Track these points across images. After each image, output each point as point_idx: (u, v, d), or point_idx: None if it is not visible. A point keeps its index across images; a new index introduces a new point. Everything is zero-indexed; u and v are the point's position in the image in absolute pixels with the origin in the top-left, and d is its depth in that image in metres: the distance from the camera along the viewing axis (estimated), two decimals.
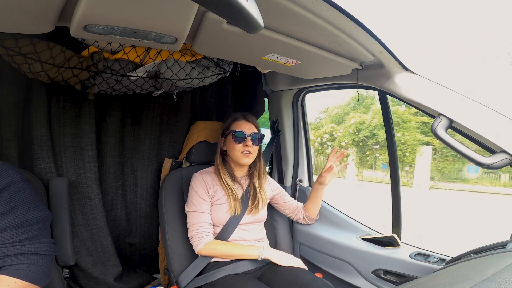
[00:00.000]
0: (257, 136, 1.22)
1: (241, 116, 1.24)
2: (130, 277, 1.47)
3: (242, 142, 1.19)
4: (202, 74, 1.18)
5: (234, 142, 1.19)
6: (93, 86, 1.11)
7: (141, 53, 1.06)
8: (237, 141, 1.19)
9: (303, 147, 1.64)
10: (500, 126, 0.82)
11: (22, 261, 0.80)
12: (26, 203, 0.84)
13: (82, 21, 0.60)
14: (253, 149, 1.20)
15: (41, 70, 0.93)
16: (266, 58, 0.93)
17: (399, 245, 1.21)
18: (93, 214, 1.34)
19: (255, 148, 1.22)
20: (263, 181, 1.30)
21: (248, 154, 1.19)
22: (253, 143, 1.20)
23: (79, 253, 1.31)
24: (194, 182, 1.19)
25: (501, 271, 0.54)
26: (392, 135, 1.26)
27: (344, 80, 1.21)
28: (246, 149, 1.19)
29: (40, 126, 1.18)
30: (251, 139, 1.19)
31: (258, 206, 1.23)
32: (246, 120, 1.23)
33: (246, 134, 1.19)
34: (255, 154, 1.24)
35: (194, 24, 0.68)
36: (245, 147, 1.19)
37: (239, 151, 1.19)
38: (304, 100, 1.62)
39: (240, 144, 1.19)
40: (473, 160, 0.86)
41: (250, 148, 1.19)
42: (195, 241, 1.12)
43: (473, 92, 0.87)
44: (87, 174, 1.31)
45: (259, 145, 1.24)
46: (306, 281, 1.00)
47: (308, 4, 0.67)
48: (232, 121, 1.24)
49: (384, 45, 0.90)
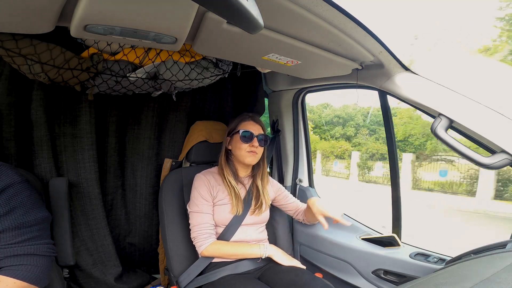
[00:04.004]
0: (264, 138, 1.22)
1: (248, 117, 1.24)
2: (130, 277, 1.47)
3: (249, 142, 1.19)
4: (201, 75, 1.18)
5: (241, 142, 1.19)
6: (93, 87, 1.11)
7: (141, 54, 1.06)
8: (244, 140, 1.19)
9: (303, 147, 1.64)
10: (500, 126, 0.82)
11: (21, 262, 0.80)
12: (25, 205, 0.84)
13: (82, 21, 0.60)
14: (259, 149, 1.21)
15: (41, 71, 0.93)
16: (266, 58, 0.93)
17: (399, 245, 1.21)
18: (94, 214, 1.34)
19: (261, 149, 1.23)
20: (266, 182, 1.30)
21: (253, 154, 1.20)
22: (260, 144, 1.21)
23: (79, 253, 1.31)
24: (197, 182, 1.19)
25: (501, 271, 0.54)
26: (392, 135, 1.26)
27: (344, 80, 1.21)
28: (252, 150, 1.19)
29: (40, 126, 1.18)
30: (258, 140, 1.20)
31: (261, 207, 1.23)
32: (253, 121, 1.24)
33: (254, 134, 1.20)
34: (260, 155, 1.24)
35: (194, 24, 0.68)
36: (251, 147, 1.19)
37: (245, 151, 1.19)
38: (304, 100, 1.62)
39: (246, 144, 1.19)
40: (473, 160, 0.86)
41: (256, 149, 1.20)
42: (198, 242, 1.12)
43: (472, 91, 0.87)
44: (88, 174, 1.31)
45: (264, 146, 1.24)
46: (306, 281, 1.00)
47: (308, 4, 0.67)
48: (239, 121, 1.24)
49: (384, 45, 0.90)
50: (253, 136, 1.20)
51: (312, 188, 1.63)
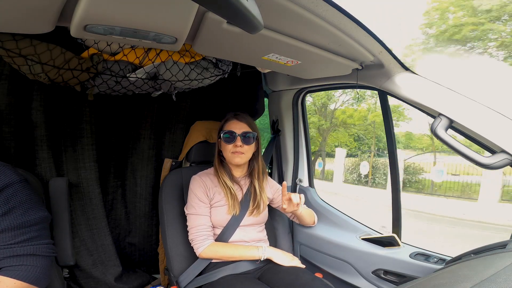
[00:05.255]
0: (249, 135, 1.18)
1: (232, 116, 1.21)
2: (130, 277, 1.47)
3: (232, 143, 1.17)
4: (201, 76, 1.18)
5: (224, 143, 1.18)
6: (93, 87, 1.11)
7: (141, 54, 1.06)
8: (226, 141, 1.17)
9: (303, 147, 1.64)
10: (500, 126, 0.82)
11: (21, 263, 0.80)
12: (24, 204, 0.84)
13: (82, 21, 0.60)
14: (244, 149, 1.18)
15: (41, 72, 0.93)
16: (266, 58, 0.93)
17: (399, 245, 1.21)
18: (94, 214, 1.34)
19: (247, 148, 1.19)
20: (263, 182, 1.29)
21: (239, 154, 1.17)
22: (244, 143, 1.17)
23: (79, 253, 1.31)
24: (193, 184, 1.18)
25: (501, 271, 0.54)
26: (392, 135, 1.26)
27: (344, 80, 1.21)
28: (236, 150, 1.17)
29: (40, 126, 1.18)
30: (242, 139, 1.17)
31: (259, 207, 1.22)
32: (237, 119, 1.20)
33: (236, 134, 1.17)
34: (248, 154, 1.21)
35: (194, 24, 0.68)
36: (235, 147, 1.17)
37: (229, 152, 1.18)
38: (304, 100, 1.62)
39: (230, 144, 1.17)
40: (473, 160, 0.86)
41: (241, 148, 1.17)
42: (195, 244, 1.12)
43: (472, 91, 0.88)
44: (88, 174, 1.31)
45: (252, 144, 1.20)
46: (306, 281, 1.00)
47: (308, 4, 0.67)
48: (224, 121, 1.22)
49: (384, 45, 0.90)
50: (236, 135, 1.17)
51: (312, 188, 1.63)
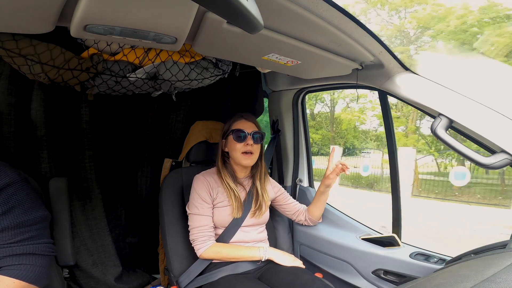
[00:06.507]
0: (258, 135, 1.21)
1: (240, 116, 1.23)
2: (130, 277, 1.47)
3: (243, 141, 1.18)
4: (201, 76, 1.18)
5: (235, 142, 1.18)
6: (92, 87, 1.11)
7: (140, 54, 1.06)
8: (238, 140, 1.18)
9: (303, 147, 1.64)
10: (500, 126, 0.82)
11: (21, 262, 0.80)
12: (24, 204, 0.84)
13: (82, 21, 0.60)
14: (254, 148, 1.19)
15: (41, 72, 0.93)
16: (266, 58, 0.93)
17: (399, 245, 1.21)
18: (94, 214, 1.34)
19: (256, 148, 1.21)
20: (265, 182, 1.29)
21: (249, 155, 1.18)
22: (255, 142, 1.19)
23: (79, 253, 1.31)
24: (197, 183, 1.18)
25: (501, 271, 0.54)
26: (392, 135, 1.26)
27: (344, 80, 1.21)
28: (247, 149, 1.18)
29: (40, 126, 1.18)
30: (252, 138, 1.19)
31: (261, 209, 1.22)
32: (245, 119, 1.22)
33: (247, 132, 1.19)
34: (257, 155, 1.23)
35: (194, 24, 0.68)
36: (246, 146, 1.18)
37: (239, 152, 1.18)
38: (304, 100, 1.62)
39: (241, 143, 1.18)
40: (473, 160, 0.86)
41: (251, 147, 1.18)
42: (197, 245, 1.12)
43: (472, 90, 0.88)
44: (88, 173, 1.31)
45: (260, 143, 1.23)
46: (306, 281, 1.00)
47: (308, 4, 0.67)
48: (232, 121, 1.23)
49: (384, 45, 0.90)
50: (247, 134, 1.18)
51: (312, 188, 1.63)
